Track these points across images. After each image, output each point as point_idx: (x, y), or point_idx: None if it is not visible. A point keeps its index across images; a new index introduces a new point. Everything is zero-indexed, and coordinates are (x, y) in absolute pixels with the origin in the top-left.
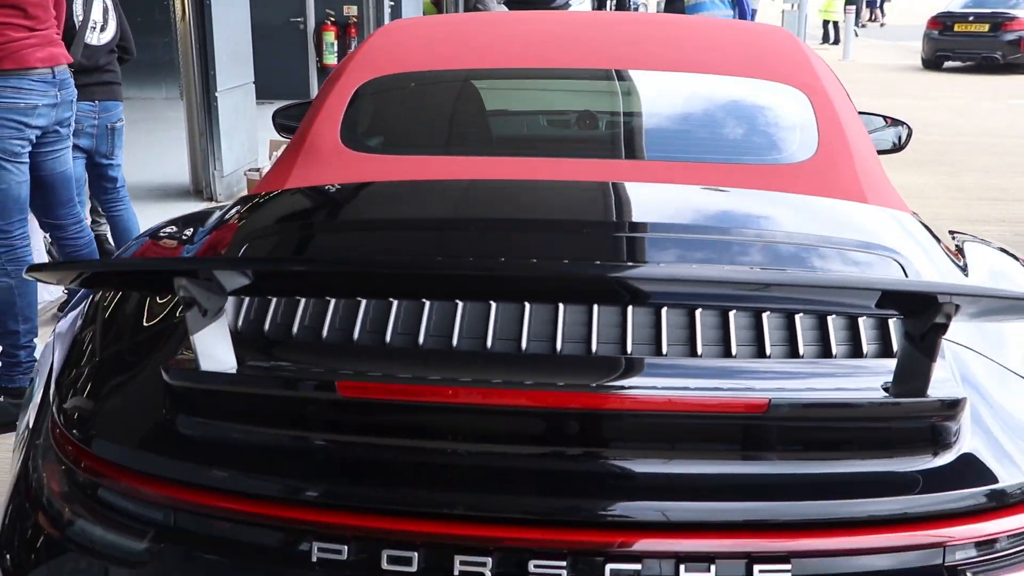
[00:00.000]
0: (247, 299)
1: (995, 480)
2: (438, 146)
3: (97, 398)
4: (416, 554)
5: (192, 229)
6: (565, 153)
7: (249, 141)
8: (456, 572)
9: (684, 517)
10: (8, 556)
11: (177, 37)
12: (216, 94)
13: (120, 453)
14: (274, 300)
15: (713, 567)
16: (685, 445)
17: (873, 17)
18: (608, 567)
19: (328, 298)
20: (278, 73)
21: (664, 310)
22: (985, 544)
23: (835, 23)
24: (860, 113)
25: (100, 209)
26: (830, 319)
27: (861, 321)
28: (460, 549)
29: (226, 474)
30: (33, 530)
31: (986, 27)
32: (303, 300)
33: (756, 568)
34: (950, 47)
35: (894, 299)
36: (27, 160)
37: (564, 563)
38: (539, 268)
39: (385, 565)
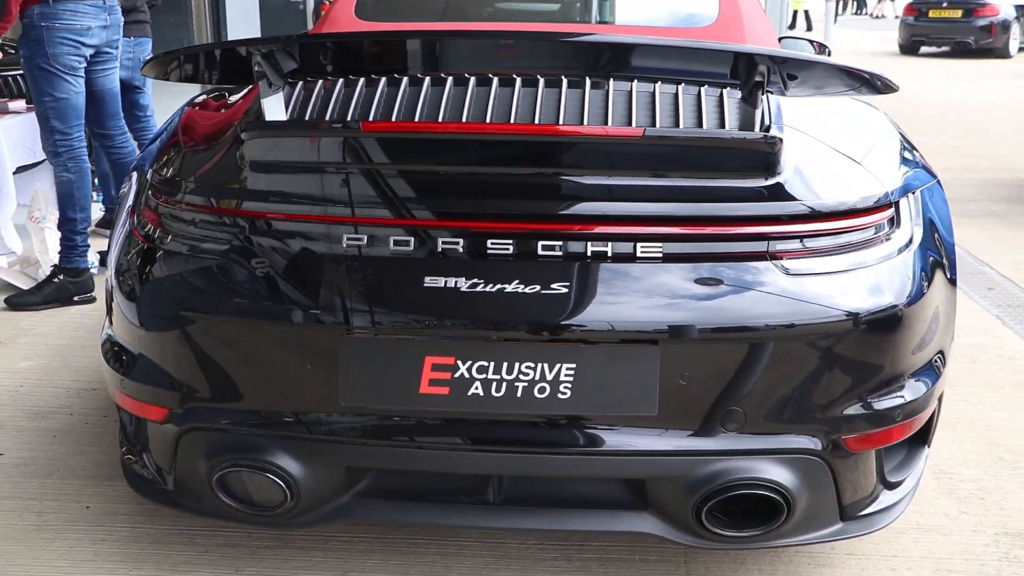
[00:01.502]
0: (294, 100)
1: (801, 199)
2: (435, 16)
3: (185, 170)
4: (412, 238)
5: (229, 92)
6: (533, 21)
7: None
8: (439, 249)
9: (590, 212)
10: (122, 276)
11: (192, 5)
12: None
13: (204, 194)
14: (312, 100)
15: (609, 244)
16: (591, 164)
17: (859, 10)
18: (539, 243)
19: (354, 77)
20: None
21: (587, 92)
22: (795, 238)
23: (806, 12)
24: (789, 38)
25: (133, 136)
26: (704, 103)
27: (727, 108)
28: (442, 233)
29: (281, 196)
30: (142, 251)
31: (959, 13)
32: (332, 100)
33: (638, 247)
34: (925, 32)
35: (736, 66)
36: (83, 75)
37: (511, 242)
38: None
39: (391, 247)
